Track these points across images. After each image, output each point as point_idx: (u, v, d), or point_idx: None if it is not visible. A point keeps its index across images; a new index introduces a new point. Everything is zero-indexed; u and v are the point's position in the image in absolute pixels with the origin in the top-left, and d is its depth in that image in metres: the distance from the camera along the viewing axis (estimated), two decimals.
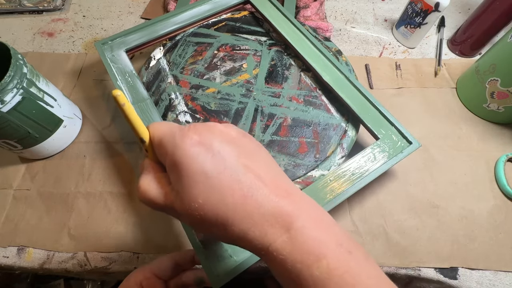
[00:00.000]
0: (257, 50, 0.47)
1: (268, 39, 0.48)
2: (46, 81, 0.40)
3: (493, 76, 0.42)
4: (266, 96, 0.43)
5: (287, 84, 0.44)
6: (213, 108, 0.42)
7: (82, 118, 0.47)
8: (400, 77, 0.51)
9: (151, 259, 0.38)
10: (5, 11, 0.60)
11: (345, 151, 0.38)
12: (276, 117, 0.41)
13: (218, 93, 0.43)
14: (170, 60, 0.46)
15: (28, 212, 0.40)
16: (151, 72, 0.45)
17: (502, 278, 0.36)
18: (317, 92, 0.43)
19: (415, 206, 0.40)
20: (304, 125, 0.41)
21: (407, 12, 0.51)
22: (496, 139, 0.45)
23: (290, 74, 0.45)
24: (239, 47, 0.47)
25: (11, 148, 0.39)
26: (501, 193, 0.41)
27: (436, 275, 0.37)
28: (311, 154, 0.39)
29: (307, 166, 0.38)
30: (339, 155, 0.38)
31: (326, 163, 0.37)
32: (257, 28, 0.49)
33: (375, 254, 0.37)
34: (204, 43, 0.47)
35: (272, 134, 0.40)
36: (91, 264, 0.38)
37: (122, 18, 0.60)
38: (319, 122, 0.41)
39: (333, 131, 0.40)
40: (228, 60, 0.46)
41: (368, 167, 0.35)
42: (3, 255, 0.38)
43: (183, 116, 0.41)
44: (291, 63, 0.46)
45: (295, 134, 0.40)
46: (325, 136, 0.40)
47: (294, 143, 0.39)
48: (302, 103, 0.42)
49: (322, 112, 0.42)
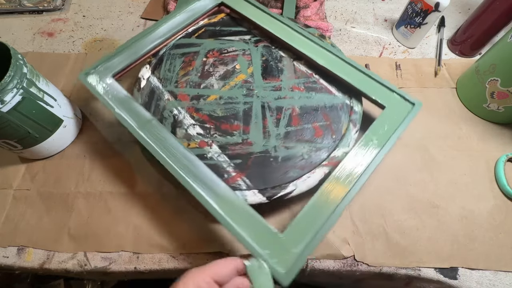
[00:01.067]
0: (245, 49, 0.46)
1: (252, 36, 0.48)
2: (46, 81, 0.40)
3: (493, 76, 0.42)
4: (268, 91, 0.43)
5: (284, 76, 0.44)
6: (220, 114, 0.41)
7: (82, 118, 0.47)
8: (400, 77, 0.51)
9: (151, 259, 0.38)
10: (5, 11, 0.60)
11: (357, 126, 0.40)
12: (284, 109, 0.41)
13: (221, 98, 0.42)
14: (161, 77, 0.44)
15: (28, 212, 0.40)
16: (145, 93, 0.43)
17: (502, 278, 0.36)
18: (315, 77, 0.44)
19: (415, 206, 0.40)
20: (312, 111, 0.41)
21: (407, 12, 0.51)
22: (496, 139, 0.45)
23: (284, 66, 0.45)
24: (226, 50, 0.46)
25: (11, 148, 0.39)
26: (501, 193, 0.41)
27: (436, 275, 0.37)
28: (328, 136, 0.39)
29: (327, 148, 0.38)
30: (353, 131, 0.39)
31: (344, 140, 0.38)
32: (238, 28, 0.49)
33: (375, 254, 0.37)
34: (190, 53, 0.46)
35: (286, 126, 0.40)
36: (91, 264, 0.38)
37: (122, 18, 0.60)
38: (325, 105, 0.42)
39: (340, 110, 0.41)
40: (219, 65, 0.45)
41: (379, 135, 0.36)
42: (3, 255, 0.38)
43: (192, 129, 0.40)
44: (281, 55, 0.46)
45: (307, 121, 0.40)
46: (335, 116, 0.41)
47: (308, 129, 0.40)
48: (304, 91, 0.43)
49: (325, 95, 0.42)
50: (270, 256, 0.29)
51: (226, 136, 0.39)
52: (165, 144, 0.35)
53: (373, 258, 0.37)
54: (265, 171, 0.37)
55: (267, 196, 0.35)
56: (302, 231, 0.30)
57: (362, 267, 0.37)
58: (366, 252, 0.37)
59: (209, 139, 0.39)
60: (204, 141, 0.39)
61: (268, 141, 0.39)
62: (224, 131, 0.39)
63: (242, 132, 0.39)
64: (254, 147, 0.38)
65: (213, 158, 0.37)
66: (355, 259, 0.37)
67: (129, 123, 0.37)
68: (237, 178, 0.36)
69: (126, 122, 0.37)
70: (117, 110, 0.38)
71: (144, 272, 0.38)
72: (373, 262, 0.37)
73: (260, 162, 0.37)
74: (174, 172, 0.33)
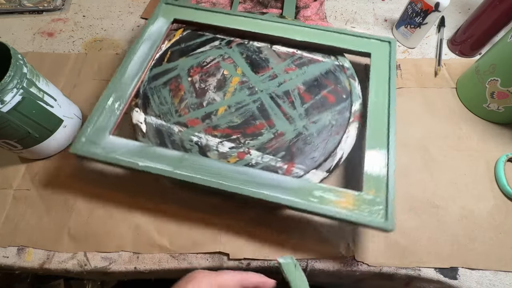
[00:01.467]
0: (222, 54, 0.46)
1: (220, 40, 0.47)
2: (46, 81, 0.40)
3: (493, 76, 0.42)
4: (267, 82, 0.43)
5: (272, 63, 0.45)
6: (239, 121, 0.40)
7: (82, 118, 0.47)
8: (400, 77, 0.51)
9: (151, 259, 0.38)
10: (5, 11, 0.60)
11: (356, 79, 0.43)
12: (290, 91, 0.42)
13: (230, 107, 0.41)
14: (158, 113, 0.41)
15: (28, 212, 0.40)
16: (151, 136, 0.39)
17: (502, 278, 0.36)
18: (298, 53, 0.46)
19: (415, 206, 0.40)
20: (314, 82, 0.43)
21: (407, 12, 0.51)
22: (496, 139, 0.45)
23: (266, 55, 0.46)
24: (205, 62, 0.45)
25: (11, 148, 0.39)
26: (501, 193, 0.41)
27: (436, 275, 0.37)
28: (340, 97, 0.42)
29: (345, 107, 0.41)
30: (355, 84, 0.43)
31: (354, 95, 0.42)
32: (203, 38, 0.47)
33: (375, 254, 0.37)
34: (171, 79, 0.43)
35: (302, 105, 0.41)
36: (91, 264, 0.38)
37: (122, 18, 0.60)
38: (320, 73, 0.44)
39: (335, 72, 0.44)
40: (208, 78, 0.44)
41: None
42: (3, 255, 0.38)
43: (222, 146, 0.39)
44: (257, 46, 0.46)
45: (316, 93, 0.42)
46: (334, 79, 0.44)
47: (321, 99, 0.42)
48: (296, 69, 0.44)
49: (315, 65, 0.45)
50: (370, 213, 0.32)
51: (257, 137, 0.39)
52: (211, 171, 0.34)
53: (373, 258, 0.37)
54: (309, 150, 0.38)
55: (325, 170, 0.37)
56: (376, 183, 0.34)
57: (362, 267, 0.37)
58: (366, 252, 0.37)
59: (243, 147, 0.38)
60: (241, 152, 0.38)
61: (295, 125, 0.40)
62: (252, 134, 0.39)
63: (269, 127, 0.40)
64: (287, 135, 0.39)
65: (259, 162, 0.37)
66: (355, 259, 0.37)
67: (163, 169, 0.34)
68: (291, 168, 0.37)
69: (159, 169, 0.34)
70: (142, 163, 0.34)
71: (144, 272, 0.38)
72: (373, 262, 0.37)
73: (300, 145, 0.39)
74: (242, 191, 0.33)
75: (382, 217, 0.32)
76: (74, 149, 0.36)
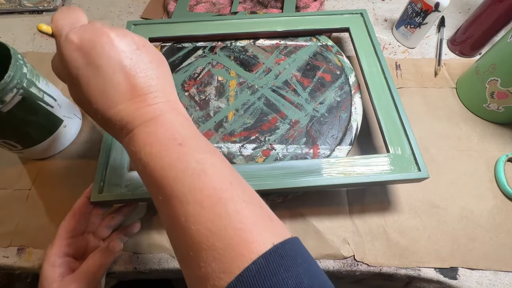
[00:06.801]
0: (210, 62, 0.45)
1: (202, 48, 0.47)
2: (46, 81, 0.40)
3: (493, 76, 0.42)
4: (264, 78, 0.44)
5: (262, 59, 0.45)
6: (252, 121, 0.40)
7: (82, 118, 0.47)
8: (400, 77, 0.51)
9: (151, 259, 0.38)
10: (5, 11, 0.60)
11: (343, 54, 0.46)
12: (289, 80, 0.43)
13: (238, 110, 0.41)
14: None
15: (28, 212, 0.40)
16: None
17: (502, 278, 0.36)
18: (282, 43, 0.47)
19: (415, 206, 0.40)
20: (306, 66, 0.45)
21: (407, 12, 0.51)
22: (496, 139, 0.45)
23: (253, 52, 0.46)
24: (196, 73, 0.44)
25: (11, 148, 0.39)
26: (501, 193, 0.41)
27: (436, 275, 0.37)
28: (334, 74, 0.44)
29: (343, 81, 0.43)
30: (344, 59, 0.45)
31: (347, 69, 0.44)
32: (184, 51, 0.47)
33: (375, 254, 0.37)
34: None
35: (304, 90, 0.43)
36: None
37: (122, 18, 0.60)
38: (309, 56, 0.46)
39: (321, 52, 0.46)
40: (205, 88, 0.43)
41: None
42: (3, 255, 0.38)
43: (245, 150, 0.38)
44: (241, 45, 0.47)
45: (312, 76, 0.44)
46: (323, 58, 0.46)
47: (320, 80, 0.44)
48: (286, 58, 0.45)
49: (301, 50, 0.46)
50: (405, 169, 0.34)
51: (275, 131, 0.39)
52: (251, 176, 0.34)
53: (373, 258, 0.37)
54: (326, 129, 0.39)
55: (348, 144, 0.38)
56: (398, 141, 0.36)
57: (362, 267, 0.37)
58: (366, 252, 0.37)
59: (266, 144, 0.39)
60: (265, 149, 0.38)
61: (305, 110, 0.41)
62: (269, 130, 0.40)
63: (282, 119, 0.40)
64: (302, 121, 0.40)
65: (286, 154, 0.38)
66: (355, 259, 0.37)
67: None
68: (317, 151, 0.38)
69: None
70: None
71: (144, 272, 0.38)
72: (373, 262, 0.37)
73: (317, 127, 0.40)
74: (285, 185, 0.33)
75: (416, 169, 0.34)
76: (94, 197, 0.33)
